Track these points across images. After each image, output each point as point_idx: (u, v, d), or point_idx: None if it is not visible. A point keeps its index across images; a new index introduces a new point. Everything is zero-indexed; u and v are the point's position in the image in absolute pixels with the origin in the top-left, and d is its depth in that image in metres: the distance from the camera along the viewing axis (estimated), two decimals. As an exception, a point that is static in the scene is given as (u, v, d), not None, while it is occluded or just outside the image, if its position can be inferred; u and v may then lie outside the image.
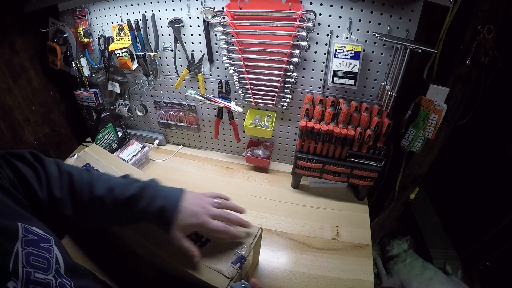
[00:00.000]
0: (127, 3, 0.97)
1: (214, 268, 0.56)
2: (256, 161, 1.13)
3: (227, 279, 0.54)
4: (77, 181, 0.55)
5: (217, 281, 0.54)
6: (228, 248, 0.60)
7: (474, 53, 0.77)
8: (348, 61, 0.83)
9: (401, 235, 1.75)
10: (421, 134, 0.87)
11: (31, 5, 1.00)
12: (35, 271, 0.35)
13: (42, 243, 0.39)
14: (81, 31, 1.04)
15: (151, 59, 1.03)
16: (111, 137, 1.15)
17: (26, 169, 0.49)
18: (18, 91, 1.06)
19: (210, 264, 0.56)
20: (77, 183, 0.55)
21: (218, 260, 0.57)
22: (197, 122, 1.18)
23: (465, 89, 0.85)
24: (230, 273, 0.55)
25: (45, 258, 0.38)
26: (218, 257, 0.58)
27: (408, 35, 0.79)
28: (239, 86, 1.00)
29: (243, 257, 0.59)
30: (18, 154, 0.51)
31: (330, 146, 0.91)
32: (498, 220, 1.41)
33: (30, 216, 0.43)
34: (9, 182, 0.45)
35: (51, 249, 0.40)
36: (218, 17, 0.88)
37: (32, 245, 0.37)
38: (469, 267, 1.63)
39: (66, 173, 0.55)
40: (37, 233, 0.40)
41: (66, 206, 0.52)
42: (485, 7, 0.73)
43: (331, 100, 0.91)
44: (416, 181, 1.11)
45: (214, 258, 0.58)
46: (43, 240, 0.40)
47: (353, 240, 0.88)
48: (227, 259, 0.58)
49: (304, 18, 0.82)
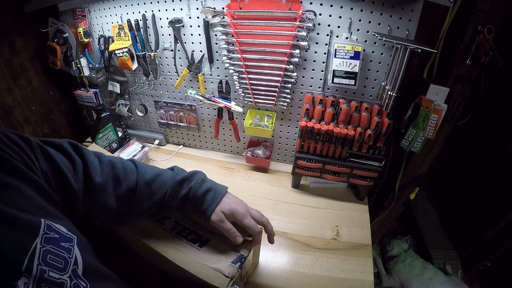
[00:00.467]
0: (127, 3, 0.97)
1: (214, 267, 0.56)
2: (256, 161, 1.13)
3: (227, 278, 0.54)
4: (120, 168, 0.56)
5: (217, 281, 0.54)
6: (228, 248, 0.60)
7: (474, 53, 0.77)
8: (348, 61, 0.83)
9: (401, 235, 1.75)
10: (421, 134, 0.87)
11: (31, 5, 1.00)
12: (50, 270, 0.35)
13: (63, 242, 0.38)
14: (81, 31, 1.04)
15: (151, 59, 1.03)
16: (111, 137, 1.15)
17: (63, 159, 0.48)
18: (18, 91, 1.06)
19: (210, 263, 0.56)
20: (120, 170, 0.56)
21: (218, 259, 0.57)
22: (197, 122, 1.18)
23: (465, 89, 0.85)
24: (230, 273, 0.55)
25: (63, 257, 0.37)
26: (218, 256, 0.58)
27: (408, 35, 0.79)
28: (239, 86, 1.00)
29: (243, 256, 0.59)
30: (56, 144, 0.50)
31: (330, 146, 0.91)
32: (498, 220, 1.41)
33: (57, 212, 0.42)
34: (42, 173, 0.43)
35: (71, 249, 0.39)
36: (218, 17, 0.88)
37: (52, 243, 0.37)
38: (469, 267, 1.62)
39: (107, 162, 0.56)
40: (60, 231, 0.39)
41: (105, 194, 0.52)
42: (485, 7, 0.73)
43: (331, 100, 0.91)
44: (416, 181, 1.11)
45: (214, 258, 0.58)
46: (64, 239, 0.39)
47: (353, 240, 0.88)
48: (227, 259, 0.58)
49: (304, 18, 0.82)
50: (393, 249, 1.66)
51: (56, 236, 0.38)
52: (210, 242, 0.61)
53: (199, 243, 0.60)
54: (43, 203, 0.40)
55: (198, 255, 0.58)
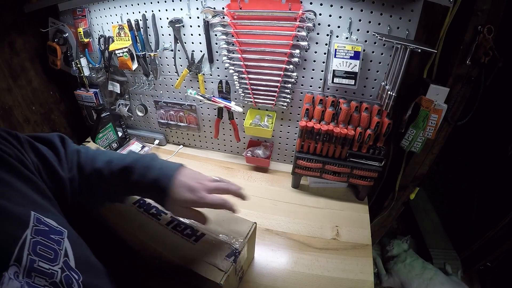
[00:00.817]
0: (127, 3, 0.97)
1: (208, 261, 0.57)
2: (256, 161, 1.13)
3: (221, 272, 0.55)
4: (83, 157, 0.57)
5: (212, 274, 0.55)
6: (223, 242, 0.61)
7: (474, 53, 0.77)
8: (348, 61, 0.83)
9: (401, 235, 1.75)
10: (421, 134, 0.87)
11: (31, 5, 1.00)
12: (40, 260, 0.36)
13: (52, 235, 0.39)
14: (81, 31, 1.04)
15: (151, 59, 1.03)
16: (111, 137, 1.15)
17: (49, 152, 0.51)
18: (18, 91, 1.06)
19: (205, 257, 0.57)
20: (83, 158, 0.57)
21: (213, 254, 0.58)
22: (197, 122, 1.18)
23: (465, 89, 0.85)
24: (224, 266, 0.56)
25: (53, 249, 0.38)
26: (212, 251, 0.59)
27: (408, 35, 0.79)
28: (239, 86, 1.00)
29: (237, 250, 0.60)
30: (43, 138, 0.53)
31: (330, 146, 0.91)
32: (498, 220, 1.41)
33: (48, 206, 0.43)
34: (34, 166, 0.46)
35: (61, 241, 0.40)
36: (218, 17, 0.88)
37: (42, 235, 0.38)
38: (469, 267, 1.62)
39: (75, 151, 0.57)
40: (50, 225, 0.40)
41: (75, 183, 0.54)
42: (485, 7, 0.73)
43: (331, 100, 0.91)
44: (416, 181, 1.11)
45: (209, 252, 0.59)
46: (54, 232, 0.40)
47: (353, 240, 0.88)
48: (222, 253, 0.59)
49: (304, 18, 0.82)
50: (393, 249, 1.66)
51: (46, 229, 0.39)
52: (205, 237, 0.62)
53: (194, 238, 0.61)
54: (35, 196, 0.42)
55: (193, 250, 0.59)
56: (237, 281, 0.70)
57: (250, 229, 0.65)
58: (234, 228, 0.65)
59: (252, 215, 0.95)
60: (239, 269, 0.66)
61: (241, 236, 0.63)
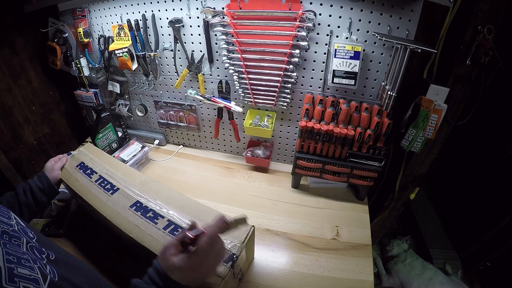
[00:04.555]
0: (127, 3, 0.97)
1: None
2: (256, 161, 1.13)
3: (219, 277, 0.55)
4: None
5: (210, 279, 0.55)
6: None
7: (474, 53, 0.77)
8: (348, 61, 0.83)
9: (401, 235, 1.75)
10: (421, 134, 0.87)
11: (31, 5, 1.00)
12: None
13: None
14: (81, 31, 1.04)
15: (151, 59, 1.03)
16: (111, 137, 1.15)
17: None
18: (18, 91, 1.06)
19: None
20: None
21: None
22: (197, 122, 1.18)
23: (465, 89, 0.85)
24: (222, 272, 0.56)
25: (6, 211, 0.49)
26: None
27: (408, 35, 0.79)
28: (239, 86, 1.00)
29: (234, 255, 0.60)
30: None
31: (330, 146, 0.91)
32: (498, 220, 1.41)
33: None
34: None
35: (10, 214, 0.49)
36: (218, 17, 0.88)
37: None
38: (469, 267, 1.62)
39: None
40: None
41: None
42: (485, 7, 0.73)
43: (331, 100, 0.91)
44: (416, 181, 1.11)
45: None
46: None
47: (353, 240, 0.88)
48: None
49: (304, 18, 0.82)
50: (393, 249, 1.66)
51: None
52: None
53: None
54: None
55: None
56: (237, 283, 0.70)
57: (248, 233, 0.65)
58: (231, 232, 0.65)
59: (252, 215, 0.95)
60: (237, 272, 0.65)
61: (238, 241, 0.63)
